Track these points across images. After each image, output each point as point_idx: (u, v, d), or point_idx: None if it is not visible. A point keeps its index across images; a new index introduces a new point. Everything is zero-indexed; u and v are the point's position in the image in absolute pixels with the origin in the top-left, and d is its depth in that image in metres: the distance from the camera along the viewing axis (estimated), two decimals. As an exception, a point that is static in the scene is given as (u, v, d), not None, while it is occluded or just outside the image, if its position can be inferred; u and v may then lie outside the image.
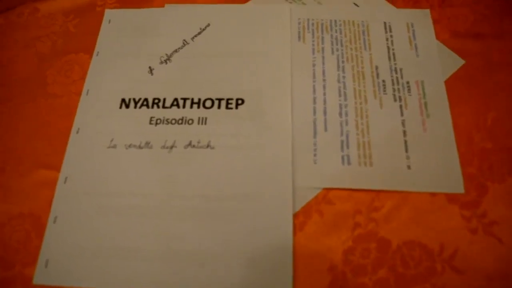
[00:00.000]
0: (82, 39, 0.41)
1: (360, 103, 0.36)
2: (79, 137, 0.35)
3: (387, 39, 0.39)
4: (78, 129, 0.36)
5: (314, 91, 0.36)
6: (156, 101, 0.36)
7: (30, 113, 0.37)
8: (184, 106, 0.36)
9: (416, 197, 0.32)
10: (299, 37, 0.39)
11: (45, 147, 0.35)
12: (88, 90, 0.38)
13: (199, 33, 0.40)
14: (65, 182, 0.33)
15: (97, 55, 0.39)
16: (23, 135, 0.36)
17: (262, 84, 0.37)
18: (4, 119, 0.37)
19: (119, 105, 0.36)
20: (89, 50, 0.40)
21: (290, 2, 0.41)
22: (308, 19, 0.40)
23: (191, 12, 0.41)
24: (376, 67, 0.37)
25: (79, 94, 0.37)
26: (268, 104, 0.36)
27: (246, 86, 0.37)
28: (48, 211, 0.32)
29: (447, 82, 0.37)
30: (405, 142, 0.34)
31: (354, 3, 0.41)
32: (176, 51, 0.39)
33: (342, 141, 0.34)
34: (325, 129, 0.35)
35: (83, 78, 0.38)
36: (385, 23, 0.40)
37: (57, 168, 0.34)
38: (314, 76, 0.37)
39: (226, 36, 0.40)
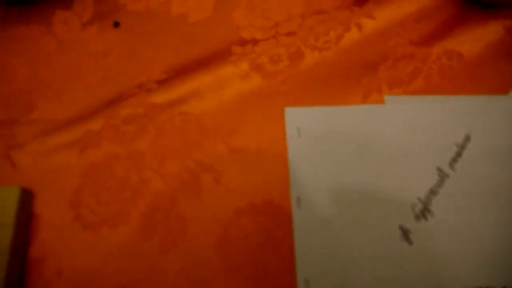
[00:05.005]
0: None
1: None
2: None
3: None
4: None
5: None
6: (437, 299, 0.21)
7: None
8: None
9: None
10: None
11: None
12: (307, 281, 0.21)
13: (458, 155, 0.24)
14: None
15: (298, 207, 0.22)
16: None
17: None
18: None
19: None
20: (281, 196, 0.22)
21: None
22: None
23: (434, 114, 0.25)
24: None
25: None
26: None
27: None
28: None
29: None
30: None
31: None
32: (432, 192, 0.23)
33: None
34: None
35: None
36: None
37: None
38: None
39: (500, 157, 0.24)
